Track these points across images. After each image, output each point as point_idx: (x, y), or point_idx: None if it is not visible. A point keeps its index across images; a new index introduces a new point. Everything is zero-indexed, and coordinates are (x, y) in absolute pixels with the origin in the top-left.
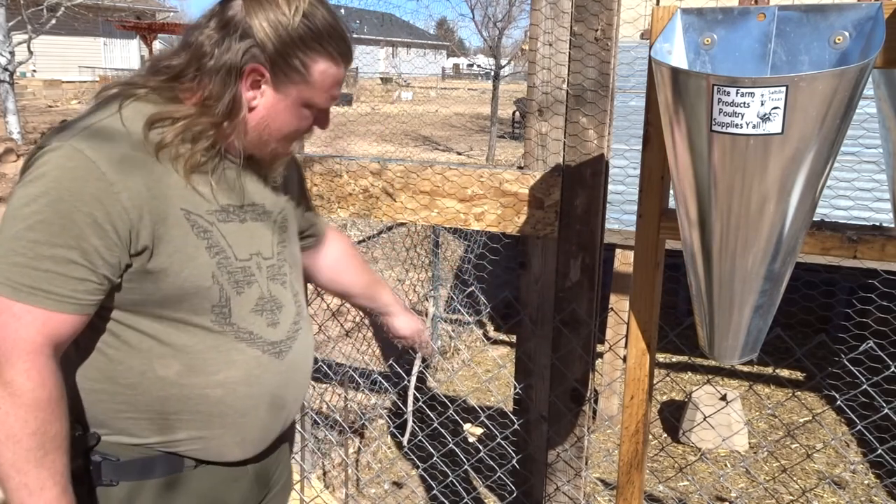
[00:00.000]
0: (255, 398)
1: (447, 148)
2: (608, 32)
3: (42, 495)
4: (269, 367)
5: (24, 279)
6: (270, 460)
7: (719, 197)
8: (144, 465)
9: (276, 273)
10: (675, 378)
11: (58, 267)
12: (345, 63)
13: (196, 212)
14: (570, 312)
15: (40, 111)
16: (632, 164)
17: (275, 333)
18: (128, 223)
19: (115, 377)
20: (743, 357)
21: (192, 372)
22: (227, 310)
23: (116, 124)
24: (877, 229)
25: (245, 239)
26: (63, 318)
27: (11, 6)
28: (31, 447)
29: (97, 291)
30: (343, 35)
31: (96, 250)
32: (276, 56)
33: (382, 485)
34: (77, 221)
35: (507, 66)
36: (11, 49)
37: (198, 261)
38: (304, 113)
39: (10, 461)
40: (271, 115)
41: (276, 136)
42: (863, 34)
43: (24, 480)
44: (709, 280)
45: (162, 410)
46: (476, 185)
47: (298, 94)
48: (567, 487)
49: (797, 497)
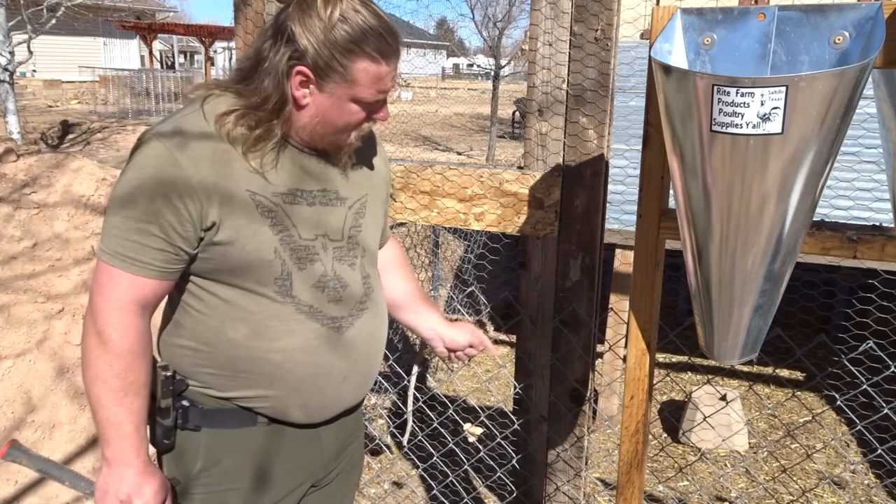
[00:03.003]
0: (313, 366)
1: (447, 148)
2: (608, 32)
3: (119, 430)
4: (328, 340)
5: (118, 248)
6: (343, 433)
7: (719, 197)
8: (224, 415)
9: (345, 255)
10: (675, 378)
11: (142, 239)
12: (386, 60)
13: (261, 193)
14: (570, 312)
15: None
16: (632, 164)
17: (337, 309)
18: (198, 203)
19: (197, 335)
20: (743, 357)
21: (257, 336)
22: (288, 283)
23: (198, 118)
24: (877, 229)
25: (311, 220)
26: (145, 281)
27: (11, 6)
28: (114, 388)
29: (174, 261)
30: (383, 34)
31: (171, 226)
32: (317, 59)
33: (382, 485)
34: (156, 201)
35: (507, 66)
36: (11, 49)
37: (261, 237)
38: (352, 108)
39: (97, 397)
40: (321, 112)
41: (331, 130)
42: (863, 34)
43: (107, 415)
44: (709, 280)
45: (234, 368)
46: (476, 185)
47: (343, 92)
48: (567, 487)
49: (797, 497)
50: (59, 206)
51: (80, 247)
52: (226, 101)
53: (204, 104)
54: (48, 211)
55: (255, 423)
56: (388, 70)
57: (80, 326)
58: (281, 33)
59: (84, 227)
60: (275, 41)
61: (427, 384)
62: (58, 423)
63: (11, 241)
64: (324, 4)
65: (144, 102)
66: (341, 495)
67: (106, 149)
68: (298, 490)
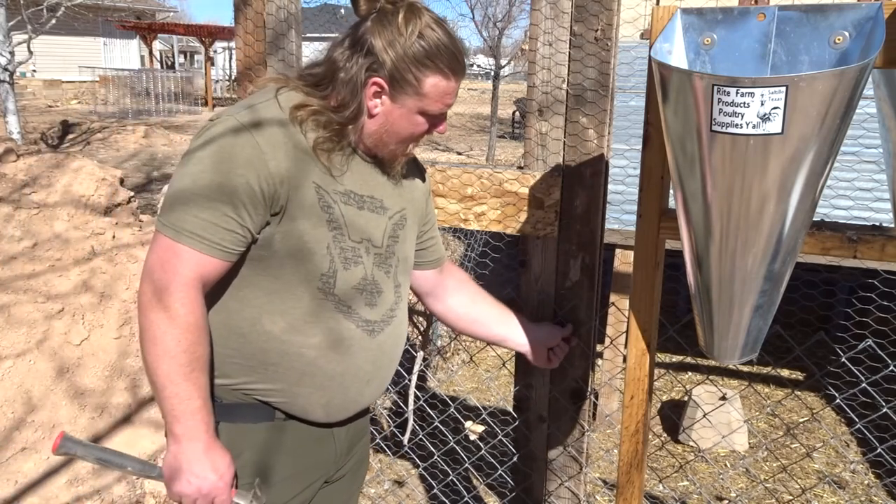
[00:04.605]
0: (343, 365)
1: (447, 148)
2: (608, 32)
3: (189, 404)
4: (360, 342)
5: (186, 225)
6: (353, 432)
7: (719, 197)
8: (243, 410)
9: (382, 262)
10: (675, 377)
11: (214, 217)
12: (455, 76)
13: (325, 188)
14: (570, 312)
15: (40, 111)
16: (632, 164)
17: (371, 313)
18: (272, 186)
19: (231, 325)
20: (743, 357)
21: (294, 331)
22: (332, 280)
23: (273, 106)
24: (877, 229)
25: (360, 224)
26: (212, 261)
27: (11, 6)
28: (182, 363)
29: (241, 243)
30: (455, 53)
31: (244, 206)
32: (393, 71)
33: (383, 484)
34: (233, 181)
35: (506, 66)
36: (11, 49)
37: (318, 230)
38: (418, 120)
39: (165, 373)
40: (390, 121)
41: (395, 139)
42: (863, 34)
43: (176, 391)
44: (709, 280)
45: (264, 360)
46: (476, 185)
47: (413, 104)
48: (567, 485)
49: (797, 496)
50: (59, 206)
51: (80, 247)
52: (298, 96)
53: (278, 94)
54: (48, 211)
55: (273, 419)
56: (455, 86)
57: (80, 326)
58: (360, 45)
59: (84, 227)
60: (352, 52)
61: (427, 383)
62: (58, 423)
63: (11, 241)
64: (404, 21)
65: (144, 102)
66: (350, 492)
67: (106, 149)
68: (314, 486)
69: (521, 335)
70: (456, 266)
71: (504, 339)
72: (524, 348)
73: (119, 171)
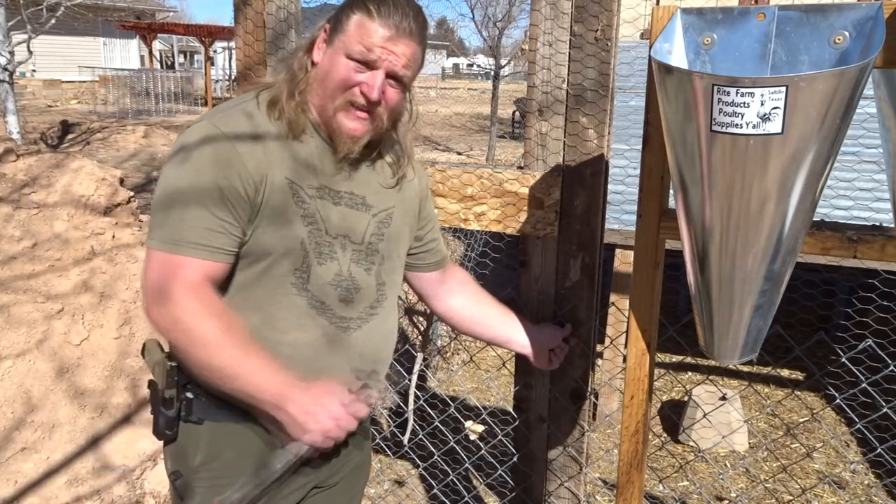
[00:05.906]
0: (318, 362)
1: (447, 148)
2: (608, 33)
3: (264, 371)
4: (334, 339)
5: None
6: None
7: (719, 197)
8: (227, 408)
9: (362, 259)
10: (675, 377)
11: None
12: (381, 19)
13: (299, 183)
14: (569, 311)
15: (40, 111)
16: (632, 164)
17: (346, 310)
18: (253, 185)
19: None
20: (743, 357)
21: (268, 327)
22: (306, 275)
23: (251, 107)
24: (877, 229)
25: (336, 220)
26: (214, 265)
27: (11, 6)
28: (230, 345)
29: (236, 243)
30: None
31: (233, 207)
32: (333, 20)
33: (383, 484)
34: (218, 184)
35: (506, 66)
36: (11, 49)
37: (293, 224)
38: (341, 61)
39: (227, 364)
40: (324, 67)
41: (330, 89)
42: (863, 34)
43: (245, 370)
44: (709, 280)
45: None
46: (476, 185)
47: (339, 44)
48: (567, 485)
49: (797, 497)
50: (59, 206)
51: (79, 247)
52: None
53: (259, 95)
54: (48, 211)
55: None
56: (382, 31)
57: (80, 326)
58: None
59: (84, 227)
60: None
61: (427, 383)
62: (58, 423)
63: (11, 241)
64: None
65: (144, 102)
66: (348, 498)
67: (106, 149)
68: (300, 490)
69: (523, 337)
70: (458, 267)
71: (506, 340)
72: (526, 350)
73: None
